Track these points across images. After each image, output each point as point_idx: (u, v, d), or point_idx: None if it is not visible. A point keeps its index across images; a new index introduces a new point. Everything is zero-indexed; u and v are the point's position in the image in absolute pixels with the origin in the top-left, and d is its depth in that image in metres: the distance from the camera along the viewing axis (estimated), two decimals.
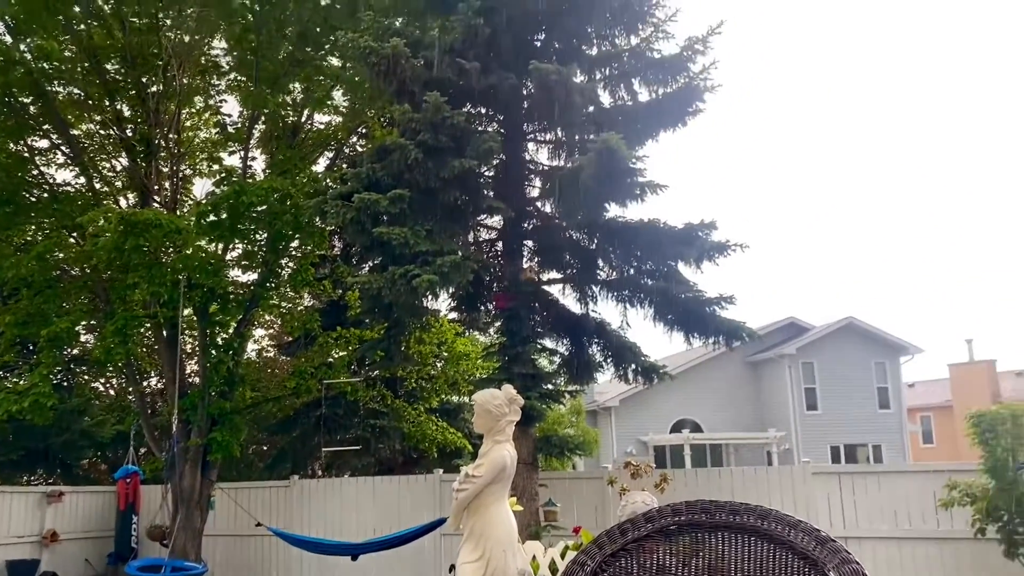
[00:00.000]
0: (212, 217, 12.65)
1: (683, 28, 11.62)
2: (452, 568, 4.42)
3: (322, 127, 15.46)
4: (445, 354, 17.03)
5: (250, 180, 13.62)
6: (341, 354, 15.80)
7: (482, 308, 12.97)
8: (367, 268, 13.16)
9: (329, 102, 14.54)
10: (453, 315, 14.22)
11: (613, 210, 11.56)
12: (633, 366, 12.17)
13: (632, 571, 2.29)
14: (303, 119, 15.01)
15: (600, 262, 12.25)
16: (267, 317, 17.38)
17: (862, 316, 29.57)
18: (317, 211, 11.45)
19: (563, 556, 4.04)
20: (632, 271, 12.05)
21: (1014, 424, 9.61)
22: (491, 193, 11.93)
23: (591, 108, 11.68)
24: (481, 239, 12.82)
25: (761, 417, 27.18)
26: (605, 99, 12.05)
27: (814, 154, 57.38)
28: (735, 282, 25.99)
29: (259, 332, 18.86)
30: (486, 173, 12.03)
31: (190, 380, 15.50)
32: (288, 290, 15.13)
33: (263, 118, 14.32)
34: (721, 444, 26.57)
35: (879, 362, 27.46)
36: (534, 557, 4.27)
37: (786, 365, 26.71)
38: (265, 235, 13.62)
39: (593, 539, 2.45)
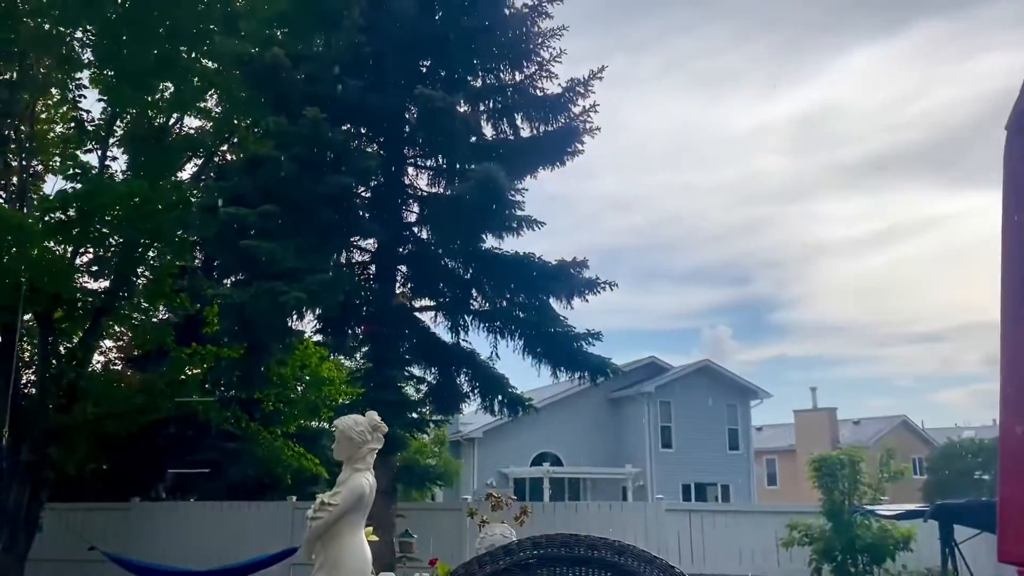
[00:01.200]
0: (60, 216, 11.81)
1: (567, 69, 11.84)
2: None
3: (192, 132, 14.79)
4: (307, 378, 16.51)
5: (107, 180, 12.84)
6: (195, 372, 15.03)
7: (350, 332, 12.70)
8: (230, 283, 12.63)
9: (200, 104, 13.88)
10: (318, 337, 13.83)
11: (489, 241, 11.64)
12: (500, 397, 12.20)
13: None
14: (171, 122, 14.32)
15: (474, 292, 12.27)
16: (117, 328, 16.35)
17: (717, 360, 30.97)
18: (179, 220, 10.93)
19: None
20: (505, 303, 12.13)
21: (851, 469, 10.23)
22: (367, 215, 11.75)
23: (473, 138, 11.76)
24: (354, 261, 12.58)
25: (619, 453, 27.82)
26: (488, 131, 12.18)
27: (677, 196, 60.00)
28: (600, 319, 26.68)
29: (107, 344, 17.69)
30: (363, 194, 11.86)
31: (26, 391, 14.34)
32: (142, 301, 14.29)
33: (127, 116, 13.57)
34: (580, 478, 26.99)
35: (731, 404, 28.73)
36: None
37: (645, 403, 27.52)
38: (120, 241, 12.83)
39: (450, 572, 2.38)
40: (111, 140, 13.74)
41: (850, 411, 42.37)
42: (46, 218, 11.69)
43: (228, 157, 15.09)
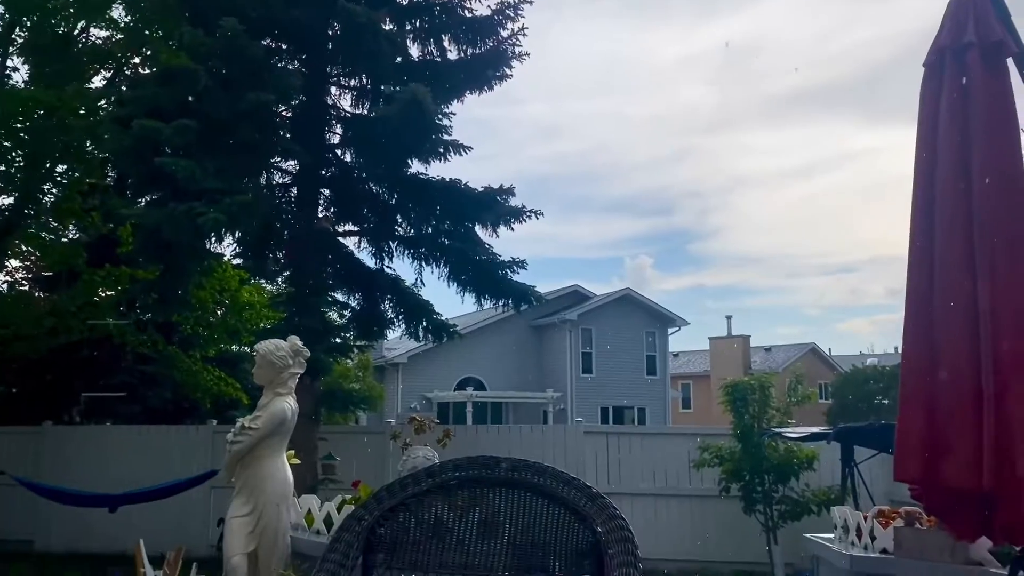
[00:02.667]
0: None
1: None
2: (220, 522, 4.21)
3: (99, 42, 13.96)
4: (227, 301, 16.18)
5: (9, 89, 12.08)
6: (109, 293, 14.55)
7: (271, 256, 12.44)
8: (144, 202, 12.14)
9: (107, 13, 13.05)
10: (238, 261, 13.51)
11: (415, 166, 11.46)
12: (424, 324, 12.21)
13: (409, 525, 2.27)
14: (76, 31, 13.47)
15: (399, 218, 12.13)
16: (24, 248, 15.62)
17: (638, 289, 31.64)
18: (89, 134, 10.38)
19: (340, 510, 3.97)
20: (430, 230, 12.03)
21: (761, 394, 10.66)
22: (288, 135, 11.38)
23: (399, 59, 11.44)
24: (275, 183, 12.23)
25: (541, 378, 28.37)
26: (414, 52, 11.85)
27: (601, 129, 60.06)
28: (525, 247, 26.82)
29: (13, 264, 16.91)
30: (284, 113, 11.46)
31: None
32: (51, 220, 13.66)
33: (27, 23, 12.70)
34: (502, 402, 27.49)
35: (650, 332, 29.48)
36: (309, 511, 4.16)
37: (567, 330, 27.99)
38: (25, 155, 12.16)
39: (372, 493, 2.41)
40: (11, 49, 12.88)
41: (762, 339, 44.03)
42: None
43: (141, 70, 14.34)
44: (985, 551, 3.08)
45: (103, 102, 12.00)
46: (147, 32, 13.35)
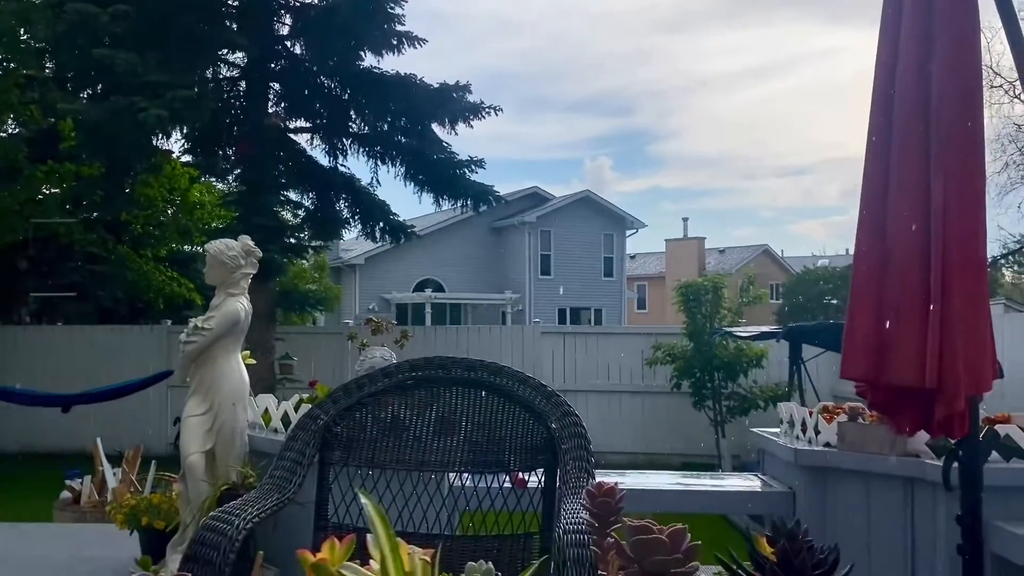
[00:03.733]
0: None
1: None
2: (177, 420, 4.20)
3: None
4: (177, 200, 15.79)
5: None
6: (54, 191, 14.08)
7: (220, 153, 12.09)
8: (86, 96, 11.61)
9: None
10: (188, 158, 13.13)
11: (368, 60, 11.09)
12: (381, 224, 12.09)
13: (366, 424, 2.28)
14: None
15: (352, 114, 11.81)
16: None
17: (597, 191, 31.60)
18: (21, 19, 9.81)
19: (297, 409, 3.98)
20: (385, 127, 11.77)
21: (714, 295, 10.87)
22: (235, 26, 10.89)
23: None
24: (222, 77, 11.77)
25: (499, 279, 28.51)
26: None
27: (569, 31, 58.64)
28: (483, 147, 26.49)
29: None
30: (230, 1, 10.93)
31: None
32: None
33: None
34: (461, 304, 27.65)
35: (607, 234, 29.63)
36: (266, 410, 4.17)
37: (526, 232, 27.99)
38: None
39: (329, 393, 2.40)
40: None
41: (717, 241, 44.62)
42: None
43: None
44: (922, 444, 3.22)
45: None
46: None
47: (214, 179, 14.87)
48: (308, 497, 2.16)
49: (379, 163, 11.69)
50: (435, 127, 11.51)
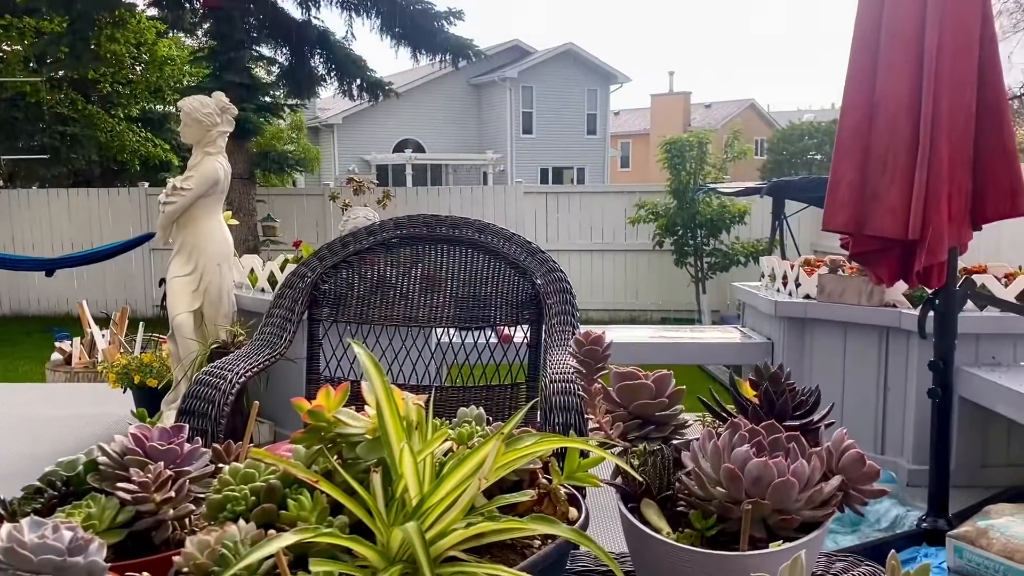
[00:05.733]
0: None
1: None
2: (163, 282, 4.21)
3: None
4: (145, 57, 15.18)
5: None
6: (15, 48, 13.48)
7: (187, 5, 11.51)
8: None
9: None
10: (153, 12, 12.51)
11: None
12: (358, 81, 11.73)
13: (353, 282, 2.29)
14: None
15: None
16: None
17: (581, 42, 30.60)
18: None
19: (283, 269, 3.99)
20: None
21: (699, 151, 10.76)
22: None
23: None
24: None
25: (480, 139, 28.05)
26: None
27: None
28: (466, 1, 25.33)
29: None
30: None
31: None
32: None
33: None
34: (442, 164, 27.30)
35: (591, 89, 28.96)
36: (252, 270, 4.18)
37: (507, 88, 27.31)
38: None
39: (314, 252, 2.40)
40: None
41: (704, 95, 43.79)
42: None
43: None
44: (900, 294, 3.29)
45: None
46: None
47: (182, 34, 14.25)
48: (299, 353, 2.20)
49: (353, 15, 11.20)
50: None
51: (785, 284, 3.82)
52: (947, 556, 2.47)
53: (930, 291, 2.68)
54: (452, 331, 2.30)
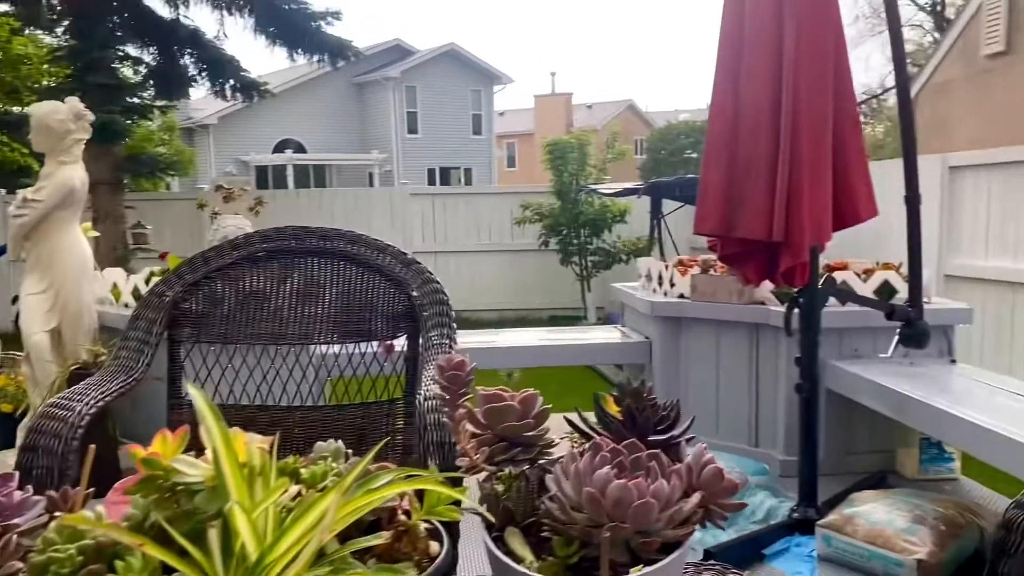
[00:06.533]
0: None
1: None
2: (15, 299, 3.93)
3: None
4: None
5: None
6: None
7: (43, 2, 10.84)
8: None
9: None
10: (5, 7, 11.71)
11: None
12: (232, 81, 11.34)
13: (218, 298, 2.18)
14: None
15: None
16: None
17: (463, 43, 30.65)
18: None
19: (148, 283, 3.78)
20: None
21: (580, 152, 10.94)
22: None
23: None
24: None
25: (364, 139, 27.66)
26: None
27: None
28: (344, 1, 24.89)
29: None
30: None
31: None
32: None
33: None
34: (325, 165, 26.76)
35: (475, 90, 29.03)
36: (115, 285, 3.95)
37: (390, 88, 27.03)
38: None
39: (175, 267, 2.28)
40: None
41: (585, 96, 44.65)
42: None
43: None
44: (768, 291, 3.41)
45: None
46: None
47: (40, 31, 13.41)
48: (164, 372, 2.08)
49: (225, 14, 10.82)
50: None
51: (661, 284, 3.91)
52: (816, 544, 2.58)
53: (795, 289, 2.79)
54: (327, 346, 2.23)
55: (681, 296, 3.77)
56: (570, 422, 1.16)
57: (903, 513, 2.46)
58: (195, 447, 0.84)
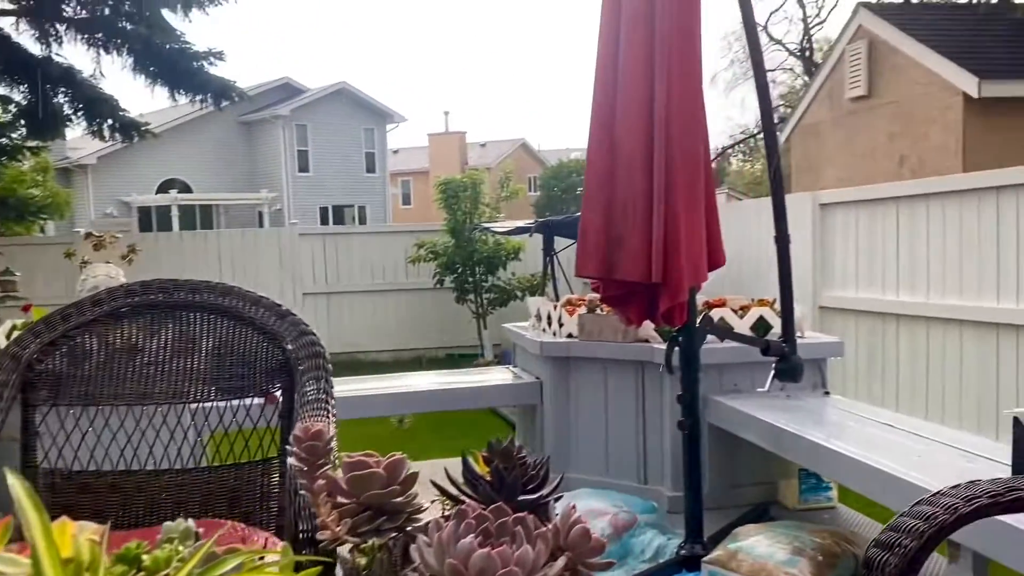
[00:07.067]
0: None
1: None
2: None
3: None
4: None
5: None
6: None
7: None
8: None
9: None
10: None
11: None
12: (110, 121, 10.91)
13: (80, 357, 2.06)
14: None
15: None
16: None
17: (354, 82, 30.57)
18: None
19: (9, 337, 3.54)
20: (107, 11, 10.46)
21: (473, 191, 11.00)
22: None
23: None
24: None
25: (254, 178, 27.07)
26: None
27: None
28: (229, 39, 24.45)
29: None
30: None
31: None
32: None
33: None
34: (212, 205, 26.00)
35: (368, 128, 28.92)
36: None
37: (280, 126, 26.61)
38: None
39: (30, 326, 2.14)
40: None
41: (479, 134, 45.14)
42: None
43: None
44: (651, 330, 3.48)
45: None
46: None
47: None
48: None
49: (102, 52, 10.42)
50: (166, 13, 10.41)
51: (550, 324, 3.95)
52: None
53: (674, 329, 2.85)
54: (200, 404, 2.13)
55: (570, 336, 3.81)
56: (437, 486, 1.13)
57: (784, 546, 2.52)
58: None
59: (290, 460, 1.05)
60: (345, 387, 3.94)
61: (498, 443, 1.13)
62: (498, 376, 4.27)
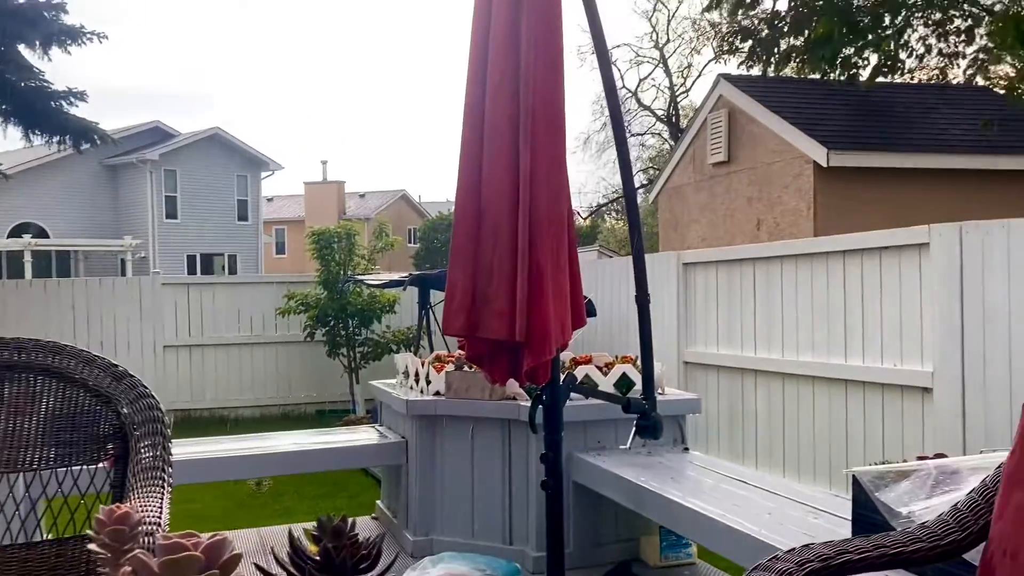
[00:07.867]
0: None
1: None
2: None
3: None
4: None
5: None
6: None
7: None
8: None
9: None
10: None
11: None
12: None
13: None
14: None
15: None
16: None
17: (228, 128, 29.86)
18: None
19: None
20: None
21: (347, 242, 10.86)
22: None
23: None
24: None
25: (117, 223, 25.81)
26: None
27: None
28: (98, 80, 23.49)
29: None
30: None
31: None
32: None
33: None
34: (70, 251, 24.55)
35: (241, 175, 28.21)
36: None
37: (147, 171, 25.59)
38: None
39: None
40: None
41: (358, 185, 44.85)
42: None
43: None
44: (518, 387, 3.48)
45: None
46: None
47: None
48: None
49: None
50: (23, 50, 9.88)
51: (417, 381, 3.88)
52: None
53: (538, 387, 2.85)
54: (37, 471, 1.94)
55: (437, 393, 3.75)
56: (260, 568, 1.06)
57: None
58: None
59: (90, 546, 0.96)
60: (201, 448, 3.74)
61: (328, 520, 1.07)
62: (363, 436, 4.15)
